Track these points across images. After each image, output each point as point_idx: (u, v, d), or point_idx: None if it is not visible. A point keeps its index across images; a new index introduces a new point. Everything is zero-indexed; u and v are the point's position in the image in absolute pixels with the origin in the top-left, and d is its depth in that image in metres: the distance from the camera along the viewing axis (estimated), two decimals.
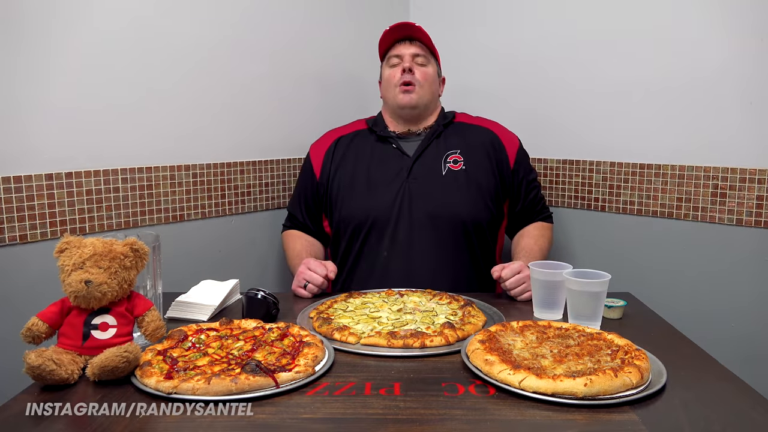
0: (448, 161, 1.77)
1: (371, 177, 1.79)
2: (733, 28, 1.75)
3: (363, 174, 1.80)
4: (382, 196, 1.75)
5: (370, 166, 1.80)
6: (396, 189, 1.75)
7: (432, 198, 1.73)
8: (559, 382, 0.98)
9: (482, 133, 1.85)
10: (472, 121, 1.89)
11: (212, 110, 1.90)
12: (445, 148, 1.80)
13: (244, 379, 1.01)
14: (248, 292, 1.38)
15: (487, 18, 2.25)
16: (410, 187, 1.75)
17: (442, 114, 1.88)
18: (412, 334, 1.23)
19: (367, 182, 1.78)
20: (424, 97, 1.80)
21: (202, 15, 1.84)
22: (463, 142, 1.81)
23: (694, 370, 1.12)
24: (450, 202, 1.73)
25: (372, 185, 1.78)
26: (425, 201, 1.73)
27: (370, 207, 1.75)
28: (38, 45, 1.53)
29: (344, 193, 1.80)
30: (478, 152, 1.80)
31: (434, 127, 1.83)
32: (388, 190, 1.75)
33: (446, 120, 1.86)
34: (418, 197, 1.74)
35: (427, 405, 0.99)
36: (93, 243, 1.13)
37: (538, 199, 1.90)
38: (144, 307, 1.17)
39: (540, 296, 1.40)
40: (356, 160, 1.82)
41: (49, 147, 1.58)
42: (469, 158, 1.78)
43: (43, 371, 1.01)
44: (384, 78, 1.86)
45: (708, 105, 1.82)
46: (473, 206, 1.75)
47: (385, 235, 1.74)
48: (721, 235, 1.83)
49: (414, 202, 1.73)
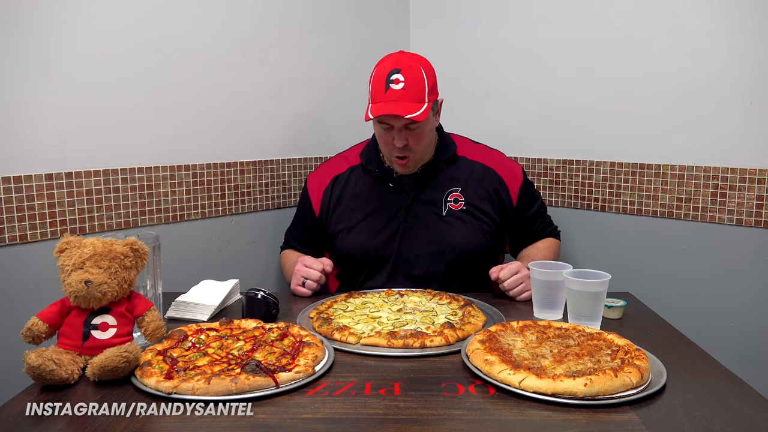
0: (449, 200, 1.72)
1: (369, 215, 1.74)
2: (733, 29, 1.76)
3: (361, 212, 1.75)
4: (380, 234, 1.72)
5: (368, 204, 1.76)
6: (395, 227, 1.71)
7: (432, 237, 1.70)
8: (559, 382, 0.98)
9: (484, 171, 1.77)
10: (474, 157, 1.79)
11: (212, 110, 1.90)
12: (445, 185, 1.74)
13: (244, 379, 1.01)
14: (248, 292, 1.38)
15: (486, 18, 2.25)
16: (409, 225, 1.71)
17: (442, 146, 1.77)
18: (412, 334, 1.23)
19: (365, 221, 1.74)
20: (420, 160, 1.72)
21: (204, 16, 1.84)
22: (463, 180, 1.75)
23: (694, 370, 1.12)
24: (451, 240, 1.69)
25: (370, 224, 1.73)
26: (425, 239, 1.70)
27: (368, 246, 1.71)
28: (38, 44, 1.53)
29: (343, 233, 1.75)
30: (479, 191, 1.74)
31: (434, 163, 1.75)
32: (386, 228, 1.72)
33: (447, 155, 1.76)
34: (417, 235, 1.71)
35: (427, 405, 0.99)
36: (93, 243, 1.13)
37: (546, 223, 1.86)
38: (144, 307, 1.17)
39: (540, 296, 1.40)
40: (354, 199, 1.77)
41: (50, 147, 1.58)
42: (471, 197, 1.73)
43: (43, 371, 1.01)
44: (376, 133, 1.73)
45: (708, 105, 1.82)
46: (474, 243, 1.71)
47: (383, 270, 1.72)
48: (721, 235, 1.83)
49: (413, 240, 1.70)
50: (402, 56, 1.63)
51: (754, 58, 1.73)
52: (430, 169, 1.74)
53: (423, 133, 1.64)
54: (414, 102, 1.57)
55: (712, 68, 1.80)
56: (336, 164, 1.86)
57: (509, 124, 2.12)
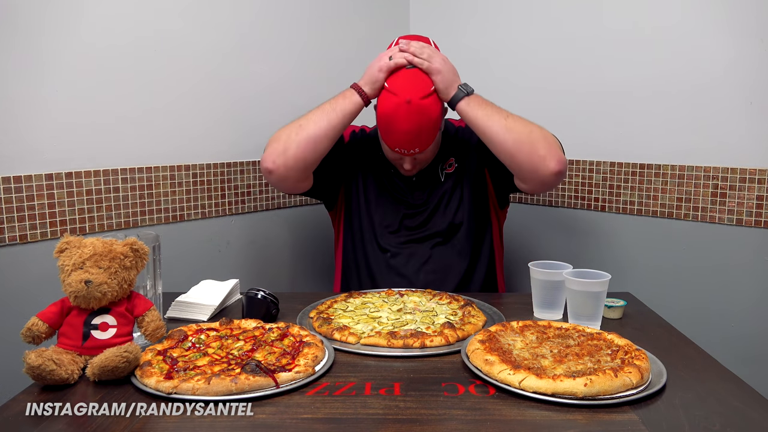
0: (445, 168, 1.75)
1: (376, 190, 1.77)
2: (735, 29, 1.76)
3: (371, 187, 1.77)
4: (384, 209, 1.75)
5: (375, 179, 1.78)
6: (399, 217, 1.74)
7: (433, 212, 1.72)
8: (559, 382, 0.98)
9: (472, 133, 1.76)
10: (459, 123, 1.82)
11: (213, 110, 1.90)
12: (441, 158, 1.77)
13: (244, 379, 1.01)
14: (248, 292, 1.38)
15: (487, 19, 2.25)
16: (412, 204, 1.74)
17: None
18: (412, 334, 1.24)
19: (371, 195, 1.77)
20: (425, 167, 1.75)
21: (204, 17, 1.85)
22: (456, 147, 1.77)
23: (694, 370, 1.12)
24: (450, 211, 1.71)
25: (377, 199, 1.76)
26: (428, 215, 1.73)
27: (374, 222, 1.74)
28: (37, 42, 1.53)
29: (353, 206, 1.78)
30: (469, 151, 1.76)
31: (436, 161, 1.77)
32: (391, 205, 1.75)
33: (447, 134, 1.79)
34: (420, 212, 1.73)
35: (427, 405, 0.99)
36: (93, 243, 1.13)
37: None
38: (144, 307, 1.17)
39: (540, 296, 1.40)
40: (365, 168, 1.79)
41: (49, 147, 1.58)
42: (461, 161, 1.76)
43: (43, 371, 1.01)
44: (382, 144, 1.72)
45: (708, 105, 1.82)
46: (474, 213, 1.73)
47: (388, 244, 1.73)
48: (721, 235, 1.84)
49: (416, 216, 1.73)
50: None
51: (755, 58, 1.73)
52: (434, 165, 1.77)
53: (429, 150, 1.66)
54: None
55: (712, 68, 1.80)
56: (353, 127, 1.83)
57: None
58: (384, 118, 1.58)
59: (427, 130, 1.58)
